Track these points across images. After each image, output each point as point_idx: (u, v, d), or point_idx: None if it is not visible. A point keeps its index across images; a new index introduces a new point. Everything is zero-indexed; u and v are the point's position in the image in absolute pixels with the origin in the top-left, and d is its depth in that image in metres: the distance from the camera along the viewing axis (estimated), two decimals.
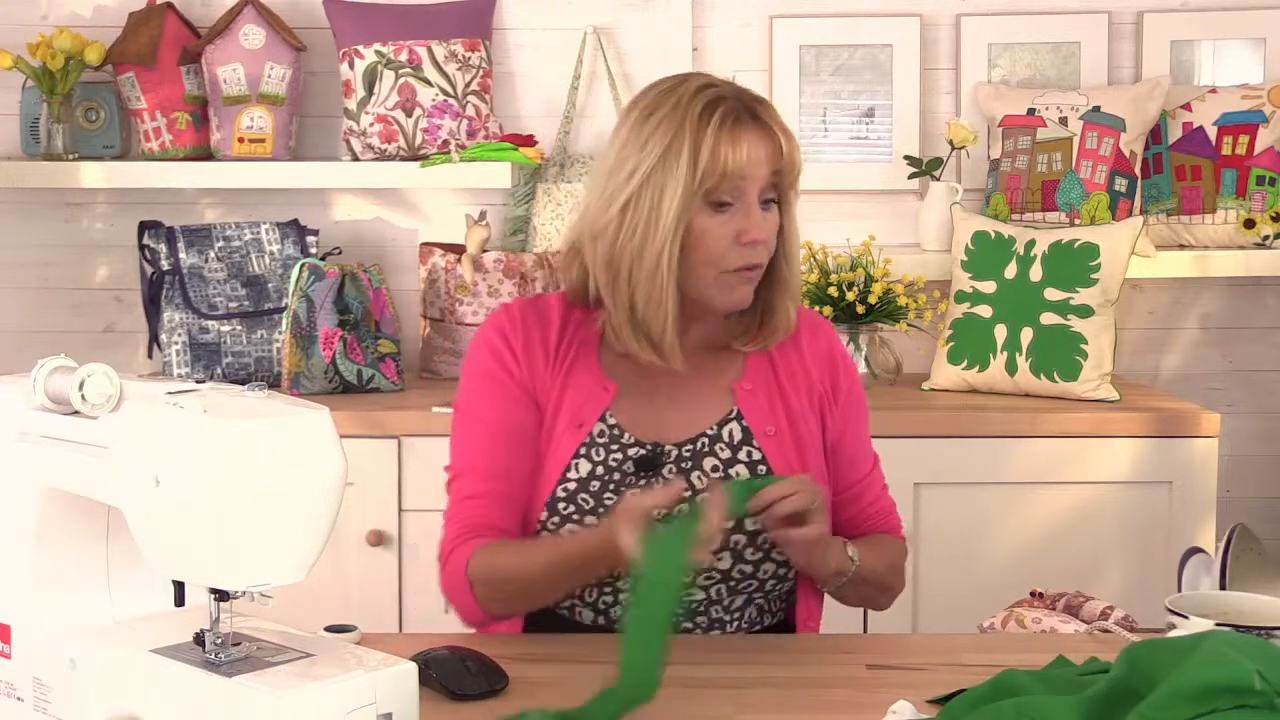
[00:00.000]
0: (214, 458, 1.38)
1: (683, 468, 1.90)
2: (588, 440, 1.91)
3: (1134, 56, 3.41)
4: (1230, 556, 2.04)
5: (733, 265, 1.85)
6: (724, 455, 1.92)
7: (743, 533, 1.88)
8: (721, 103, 1.84)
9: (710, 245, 1.84)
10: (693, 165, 1.81)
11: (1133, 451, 2.93)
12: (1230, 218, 3.25)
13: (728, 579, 1.90)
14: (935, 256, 3.27)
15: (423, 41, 3.29)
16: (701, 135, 1.81)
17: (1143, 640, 1.40)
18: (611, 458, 1.90)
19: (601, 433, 1.91)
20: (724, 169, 1.81)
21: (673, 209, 1.82)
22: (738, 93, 1.87)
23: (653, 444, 1.91)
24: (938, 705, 1.57)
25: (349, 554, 2.93)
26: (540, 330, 1.95)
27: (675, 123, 1.83)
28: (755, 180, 1.84)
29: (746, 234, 1.84)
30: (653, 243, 1.83)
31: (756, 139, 1.84)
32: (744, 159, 1.82)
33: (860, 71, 3.41)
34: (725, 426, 1.93)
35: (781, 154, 1.85)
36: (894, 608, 2.07)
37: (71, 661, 1.50)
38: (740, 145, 1.82)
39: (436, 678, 1.63)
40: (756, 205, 1.85)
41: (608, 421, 1.91)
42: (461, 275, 3.26)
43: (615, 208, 1.85)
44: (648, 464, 1.90)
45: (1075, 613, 1.97)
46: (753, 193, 1.85)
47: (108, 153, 3.39)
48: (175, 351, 3.16)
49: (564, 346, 1.95)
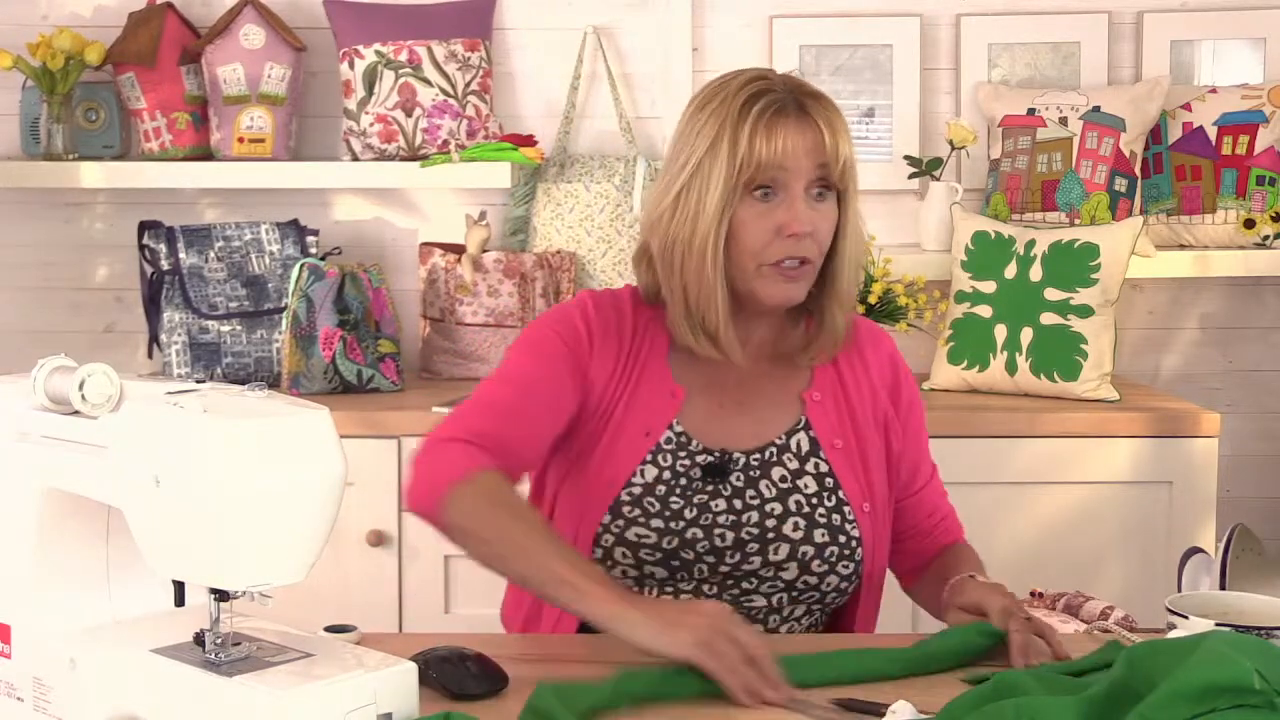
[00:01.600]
0: (214, 458, 1.38)
1: (750, 476, 1.90)
2: (655, 448, 1.90)
3: (1134, 56, 3.41)
4: (1230, 556, 2.04)
5: (773, 258, 1.84)
6: (792, 466, 1.91)
7: (810, 544, 1.88)
8: (766, 94, 1.84)
9: (751, 236, 1.84)
10: (732, 155, 1.82)
11: (1133, 451, 2.93)
12: (1230, 218, 3.25)
13: (791, 589, 1.90)
14: (935, 256, 3.27)
15: (423, 41, 3.29)
16: (741, 125, 1.82)
17: (1143, 641, 1.40)
18: (679, 463, 1.90)
19: (669, 439, 1.91)
20: (759, 159, 1.82)
21: (716, 198, 1.83)
22: (791, 86, 1.87)
23: (720, 451, 1.91)
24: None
25: (349, 554, 2.93)
26: (617, 324, 1.94)
27: (722, 114, 1.84)
28: (798, 172, 1.83)
29: (787, 226, 1.83)
30: (699, 231, 1.84)
31: (795, 130, 1.83)
32: (780, 149, 1.82)
33: (860, 71, 3.41)
34: (794, 436, 1.93)
35: (825, 147, 1.84)
36: (893, 608, 2.07)
37: (71, 661, 1.50)
38: (776, 135, 1.82)
39: (436, 678, 1.63)
40: (801, 198, 1.84)
41: (675, 429, 1.91)
42: (461, 275, 3.26)
43: (669, 198, 1.87)
44: (716, 471, 1.89)
45: (1075, 613, 1.97)
46: (796, 185, 1.84)
47: (108, 153, 3.39)
48: (175, 351, 3.16)
49: (636, 343, 1.94)
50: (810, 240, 1.85)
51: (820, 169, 1.85)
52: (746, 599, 1.90)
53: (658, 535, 1.87)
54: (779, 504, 1.89)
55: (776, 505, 1.89)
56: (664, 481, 1.89)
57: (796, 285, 1.87)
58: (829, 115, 1.86)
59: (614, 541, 1.88)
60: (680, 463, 1.90)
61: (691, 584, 1.89)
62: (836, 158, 1.85)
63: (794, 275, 1.86)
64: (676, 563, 1.88)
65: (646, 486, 1.88)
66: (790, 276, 1.86)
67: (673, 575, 1.89)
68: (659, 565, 1.88)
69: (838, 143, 1.85)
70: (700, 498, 1.88)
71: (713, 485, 1.89)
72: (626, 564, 1.89)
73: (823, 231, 1.86)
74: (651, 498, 1.88)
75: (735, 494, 1.89)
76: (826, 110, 1.86)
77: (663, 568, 1.88)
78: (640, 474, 1.89)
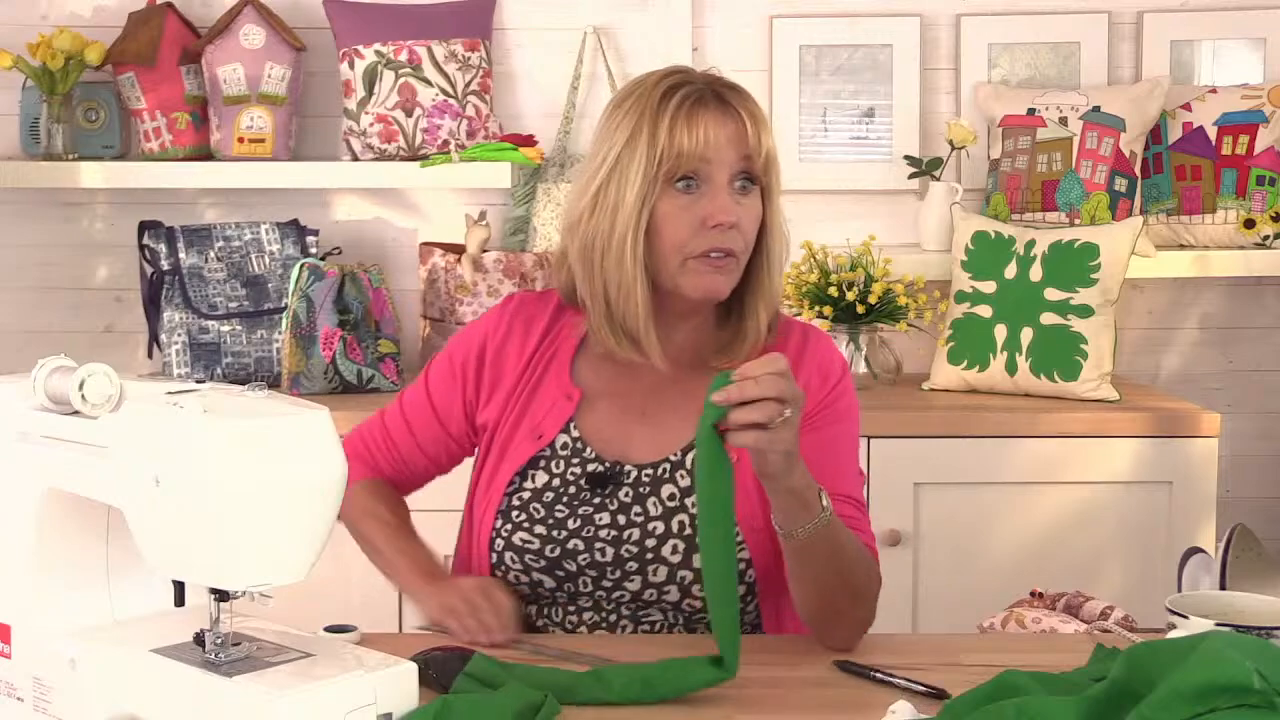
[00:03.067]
0: (214, 458, 1.38)
1: (640, 492, 1.86)
2: (548, 451, 1.89)
3: (1134, 56, 3.41)
4: (1230, 556, 2.04)
5: (698, 250, 1.80)
6: (683, 484, 1.86)
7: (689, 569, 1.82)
8: (684, 86, 1.83)
9: (675, 229, 1.80)
10: (652, 146, 1.79)
11: (1133, 451, 2.93)
12: (1230, 218, 3.25)
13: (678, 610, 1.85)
14: (935, 256, 3.27)
15: (423, 41, 3.29)
16: (660, 118, 1.80)
17: (1143, 641, 1.40)
18: (570, 470, 1.88)
19: (564, 444, 1.89)
20: (680, 149, 1.79)
21: (635, 191, 1.80)
22: (708, 80, 1.86)
23: (613, 462, 1.88)
24: (938, 704, 1.57)
25: (349, 554, 2.92)
26: (526, 328, 1.95)
27: (640, 107, 1.82)
28: (721, 164, 1.81)
29: (712, 217, 1.79)
30: (618, 226, 1.81)
31: (716, 120, 1.81)
32: (701, 138, 1.79)
33: (860, 71, 3.40)
34: (690, 453, 1.85)
35: (747, 137, 1.81)
36: (894, 608, 2.06)
37: (71, 661, 1.50)
38: (697, 125, 1.80)
39: (436, 678, 1.63)
40: (725, 189, 1.81)
41: (571, 433, 1.89)
42: (461, 275, 3.26)
43: (587, 197, 1.84)
44: (601, 482, 1.86)
45: (1075, 613, 1.97)
46: (720, 175, 1.81)
47: (107, 153, 3.39)
48: (175, 351, 3.16)
49: (542, 348, 1.94)
50: (736, 232, 1.81)
51: (744, 160, 1.82)
52: (644, 613, 1.87)
53: (540, 542, 1.85)
54: (662, 523, 1.84)
55: (659, 525, 1.84)
56: (552, 488, 1.87)
57: (723, 277, 1.82)
58: (750, 107, 1.84)
59: (504, 546, 1.88)
60: (571, 470, 1.87)
61: (582, 598, 1.86)
62: (759, 149, 1.82)
63: (720, 266, 1.81)
64: (561, 573, 1.86)
65: (535, 492, 1.88)
66: (717, 267, 1.81)
67: (560, 585, 1.87)
68: (545, 573, 1.86)
69: (760, 133, 1.82)
70: (585, 509, 1.85)
71: (599, 497, 1.85)
72: (516, 569, 1.87)
73: (747, 224, 1.83)
74: (538, 503, 1.87)
75: (621, 509, 1.85)
76: (747, 102, 1.84)
77: (549, 576, 1.86)
78: (531, 478, 1.88)
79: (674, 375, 1.89)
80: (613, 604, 1.87)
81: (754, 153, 1.82)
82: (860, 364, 3.17)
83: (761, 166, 1.83)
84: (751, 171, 1.83)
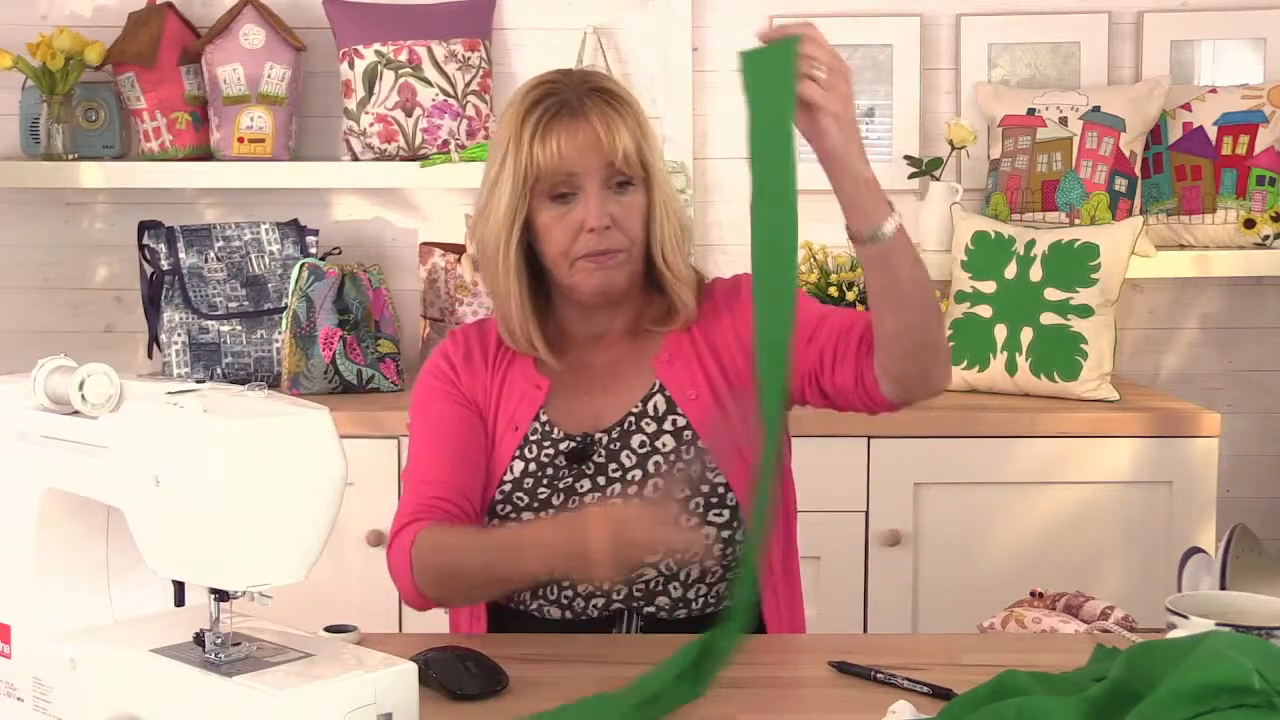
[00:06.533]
0: (214, 458, 1.38)
1: (611, 450, 1.92)
2: (523, 441, 1.94)
3: (1134, 56, 3.41)
4: (1230, 556, 2.04)
5: (580, 253, 1.88)
6: (650, 429, 1.93)
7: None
8: (546, 99, 1.89)
9: (555, 239, 1.89)
10: (516, 164, 1.88)
11: (1133, 451, 2.93)
12: (1230, 218, 3.25)
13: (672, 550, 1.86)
14: (935, 256, 3.27)
15: (423, 41, 3.29)
16: (521, 136, 1.88)
17: (1143, 641, 1.40)
18: (544, 453, 1.93)
19: (535, 430, 1.94)
20: (539, 167, 1.87)
21: (505, 206, 1.89)
22: (577, 83, 1.90)
23: (582, 435, 1.93)
24: (939, 704, 1.57)
25: (349, 554, 2.93)
26: (480, 344, 2.01)
27: (509, 124, 1.91)
28: (587, 172, 1.87)
29: (585, 223, 1.87)
30: (491, 240, 1.92)
31: (569, 133, 1.86)
32: (555, 155, 1.86)
33: (860, 71, 3.40)
34: (650, 400, 1.95)
35: (602, 144, 1.86)
36: (894, 608, 2.06)
37: (71, 661, 1.50)
38: (549, 142, 1.86)
39: (436, 678, 1.63)
40: (595, 194, 1.87)
41: (540, 420, 1.95)
42: (461, 275, 3.26)
43: (479, 213, 1.95)
44: (578, 455, 1.92)
45: (1075, 613, 1.97)
46: (590, 183, 1.87)
47: (107, 153, 3.39)
48: (175, 351, 3.16)
49: (502, 354, 2.00)
50: (613, 231, 1.88)
51: (608, 165, 1.88)
52: (637, 573, 1.88)
53: None
54: (639, 470, 1.91)
55: (637, 472, 1.91)
56: (530, 474, 1.92)
57: (611, 272, 1.90)
58: (604, 111, 1.88)
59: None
60: (545, 452, 1.93)
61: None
62: (617, 150, 1.87)
63: (606, 263, 1.89)
64: None
65: (515, 481, 1.92)
66: (602, 264, 1.89)
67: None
68: None
69: (614, 137, 1.87)
70: (565, 482, 1.91)
71: (576, 469, 1.91)
72: None
73: (627, 219, 1.89)
74: (521, 491, 1.91)
75: (598, 471, 1.91)
76: (602, 106, 1.88)
77: None
78: (510, 470, 1.93)
79: (626, 348, 1.98)
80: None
81: (613, 156, 1.87)
82: None
83: (629, 164, 1.88)
84: (622, 172, 1.89)
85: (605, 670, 1.71)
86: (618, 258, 1.90)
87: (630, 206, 1.90)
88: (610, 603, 1.90)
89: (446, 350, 2.02)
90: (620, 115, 1.88)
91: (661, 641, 1.84)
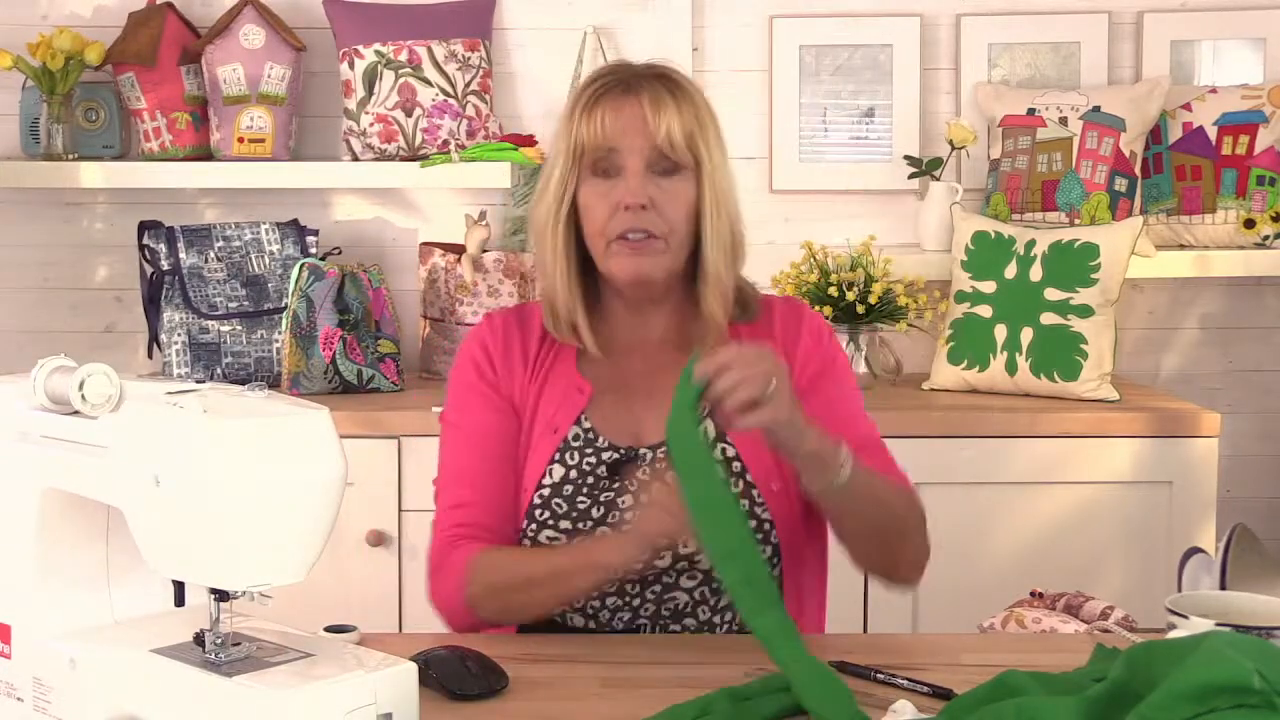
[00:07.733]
0: (214, 458, 1.38)
1: (657, 469, 1.87)
2: (563, 445, 1.90)
3: (1134, 56, 3.41)
4: (1230, 556, 2.04)
5: (615, 232, 1.86)
6: None
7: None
8: (602, 78, 1.90)
9: (595, 214, 1.87)
10: (567, 138, 1.89)
11: (1133, 451, 2.93)
12: (1230, 218, 3.25)
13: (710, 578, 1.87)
14: (935, 256, 3.27)
15: (423, 41, 3.29)
16: (574, 111, 1.89)
17: (1143, 641, 1.40)
18: (585, 461, 1.89)
19: (576, 436, 1.90)
20: (584, 140, 1.87)
21: (556, 180, 1.89)
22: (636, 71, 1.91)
23: (627, 448, 1.90)
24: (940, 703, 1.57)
25: (349, 554, 2.93)
26: (521, 337, 1.97)
27: (567, 106, 1.92)
28: (630, 150, 1.86)
29: (622, 200, 1.85)
30: (543, 214, 1.91)
31: (614, 109, 1.86)
32: (599, 128, 1.86)
33: (860, 71, 3.40)
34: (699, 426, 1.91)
35: (647, 123, 1.85)
36: (894, 608, 2.06)
37: (71, 661, 1.50)
38: (595, 115, 1.87)
39: (436, 678, 1.63)
40: (637, 173, 1.85)
41: (583, 425, 1.91)
42: (461, 275, 3.26)
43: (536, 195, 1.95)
44: (621, 468, 1.88)
45: (1075, 613, 1.97)
46: (631, 161, 1.86)
47: (107, 153, 3.39)
48: (175, 351, 3.16)
49: (544, 351, 1.96)
50: (652, 214, 1.85)
51: (652, 146, 1.86)
52: (668, 595, 1.87)
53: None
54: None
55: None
56: (570, 481, 1.89)
57: (644, 259, 1.87)
58: (656, 92, 1.87)
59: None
60: (586, 460, 1.89)
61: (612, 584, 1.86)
62: (660, 132, 1.85)
63: (639, 247, 1.86)
64: None
65: (554, 487, 1.89)
66: (635, 248, 1.86)
67: None
68: None
69: (660, 118, 1.85)
70: (606, 495, 1.88)
71: (619, 482, 1.88)
72: None
73: (667, 206, 1.86)
74: (559, 498, 1.88)
75: (642, 489, 1.87)
76: (656, 87, 1.88)
77: None
78: (549, 474, 1.89)
79: (670, 357, 1.91)
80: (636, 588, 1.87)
81: (657, 137, 1.86)
82: (860, 364, 3.17)
83: (675, 149, 1.86)
84: (667, 156, 1.87)
85: (605, 670, 1.71)
86: (655, 245, 1.86)
87: (672, 193, 1.87)
88: (636, 618, 1.88)
89: (484, 340, 1.97)
90: (674, 99, 1.87)
91: (659, 641, 1.84)
